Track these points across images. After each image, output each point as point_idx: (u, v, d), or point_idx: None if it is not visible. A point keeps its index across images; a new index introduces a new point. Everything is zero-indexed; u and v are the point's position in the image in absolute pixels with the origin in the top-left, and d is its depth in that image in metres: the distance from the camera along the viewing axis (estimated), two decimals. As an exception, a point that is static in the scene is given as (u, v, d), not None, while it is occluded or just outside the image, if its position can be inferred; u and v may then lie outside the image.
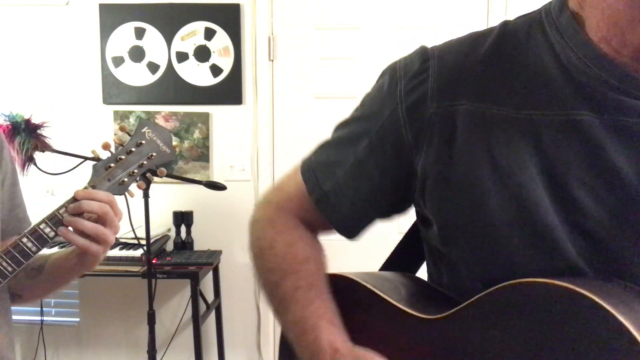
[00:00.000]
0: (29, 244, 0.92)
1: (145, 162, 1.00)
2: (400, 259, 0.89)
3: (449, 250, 0.69)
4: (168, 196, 2.61)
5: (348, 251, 2.55)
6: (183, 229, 2.57)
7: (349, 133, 0.74)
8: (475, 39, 0.67)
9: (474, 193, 0.62)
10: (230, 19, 2.57)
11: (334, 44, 2.59)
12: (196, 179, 2.37)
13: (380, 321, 0.72)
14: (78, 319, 2.75)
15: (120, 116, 2.62)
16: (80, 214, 0.93)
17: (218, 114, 2.63)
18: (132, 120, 2.63)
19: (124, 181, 0.99)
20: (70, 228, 0.94)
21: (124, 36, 2.59)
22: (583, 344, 0.51)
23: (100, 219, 0.93)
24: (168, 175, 1.32)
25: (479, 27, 0.71)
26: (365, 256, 1.74)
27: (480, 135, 0.62)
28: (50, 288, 1.08)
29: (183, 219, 2.56)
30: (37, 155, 1.97)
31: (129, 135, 1.00)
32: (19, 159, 1.92)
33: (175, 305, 2.70)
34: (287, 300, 0.74)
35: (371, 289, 0.73)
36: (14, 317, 1.07)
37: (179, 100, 2.61)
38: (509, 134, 0.61)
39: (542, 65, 0.61)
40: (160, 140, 1.01)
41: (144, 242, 2.14)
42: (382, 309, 0.71)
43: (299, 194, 0.77)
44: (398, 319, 0.69)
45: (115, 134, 2.61)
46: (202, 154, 2.64)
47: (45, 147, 1.99)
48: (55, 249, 0.97)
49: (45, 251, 0.96)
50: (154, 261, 2.21)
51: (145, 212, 2.09)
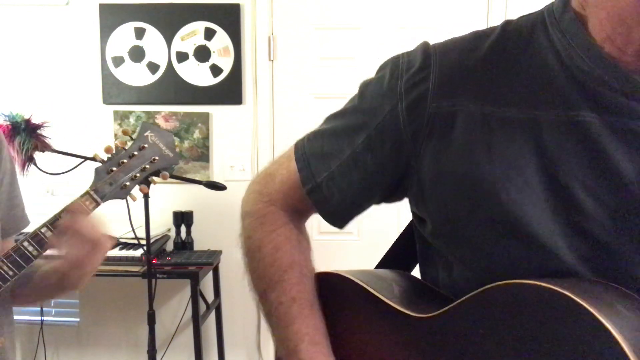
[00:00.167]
0: (30, 248, 0.92)
1: (147, 166, 1.00)
2: (396, 258, 0.89)
3: (445, 249, 0.69)
4: (168, 196, 2.61)
5: (348, 251, 2.55)
6: (183, 229, 2.57)
7: (345, 124, 0.73)
8: (478, 37, 0.67)
9: (472, 192, 0.62)
10: (230, 19, 2.56)
11: (334, 44, 2.59)
12: (196, 179, 2.37)
13: (372, 319, 0.72)
14: (78, 319, 2.75)
15: (120, 116, 2.62)
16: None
17: (218, 114, 2.63)
18: (132, 120, 2.62)
19: (126, 185, 0.98)
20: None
21: (124, 36, 2.59)
22: (566, 345, 0.51)
23: (89, 243, 0.91)
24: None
25: (479, 27, 0.70)
26: (364, 255, 1.73)
27: (481, 134, 0.62)
28: (33, 300, 1.06)
29: (183, 219, 2.56)
30: (37, 155, 1.97)
31: (132, 138, 1.00)
32: (19, 159, 1.92)
33: (175, 305, 2.70)
34: (272, 315, 0.75)
35: (364, 286, 0.73)
36: (15, 317, 1.06)
37: (179, 100, 2.61)
38: (510, 133, 0.61)
39: (545, 65, 0.61)
40: (163, 144, 1.01)
41: (144, 242, 2.14)
42: (374, 306, 0.71)
43: (291, 182, 0.77)
44: (390, 317, 0.69)
45: (116, 137, 2.61)
46: (202, 154, 2.64)
47: (45, 147, 1.99)
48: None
49: (39, 261, 0.95)
50: (154, 261, 2.21)
51: (145, 212, 2.09)
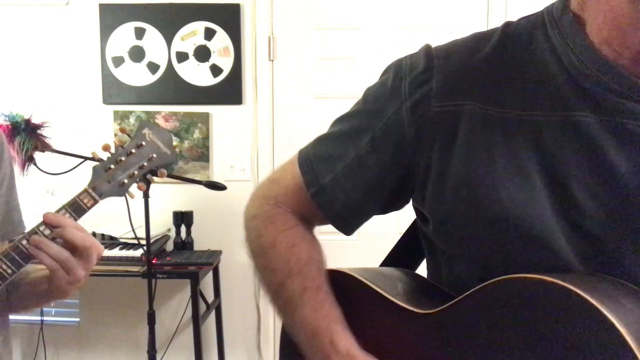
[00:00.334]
0: (28, 246, 0.92)
1: (145, 164, 0.99)
2: (400, 257, 0.90)
3: (447, 247, 0.70)
4: (168, 196, 2.61)
5: (348, 251, 2.55)
6: (183, 229, 2.57)
7: (350, 127, 0.74)
8: (479, 39, 0.68)
9: (474, 191, 0.63)
10: (230, 19, 2.57)
11: (334, 44, 2.59)
12: (196, 179, 2.37)
13: (375, 316, 0.73)
14: (78, 319, 2.75)
15: (120, 116, 2.62)
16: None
17: (218, 114, 2.63)
18: (132, 120, 2.62)
19: (124, 183, 0.98)
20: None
21: (124, 36, 2.59)
22: (570, 338, 0.52)
23: (77, 250, 0.90)
24: (168, 175, 1.32)
25: (479, 27, 0.72)
26: (365, 256, 1.73)
27: (482, 135, 0.63)
28: (20, 307, 1.04)
29: (183, 219, 2.56)
30: (37, 155, 1.97)
31: (129, 136, 1.00)
32: (19, 159, 1.92)
33: (175, 305, 2.70)
34: (295, 301, 0.74)
35: (367, 283, 0.73)
36: (15, 317, 1.06)
37: (179, 100, 2.61)
38: (511, 134, 0.62)
39: (544, 67, 0.62)
40: (161, 142, 1.00)
41: (144, 242, 2.14)
42: (378, 303, 0.71)
43: (296, 187, 0.77)
44: (393, 313, 0.69)
45: (115, 135, 2.61)
46: (202, 154, 2.64)
47: (45, 147, 1.99)
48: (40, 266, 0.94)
49: (30, 266, 0.93)
50: (154, 261, 2.21)
51: (145, 212, 2.09)
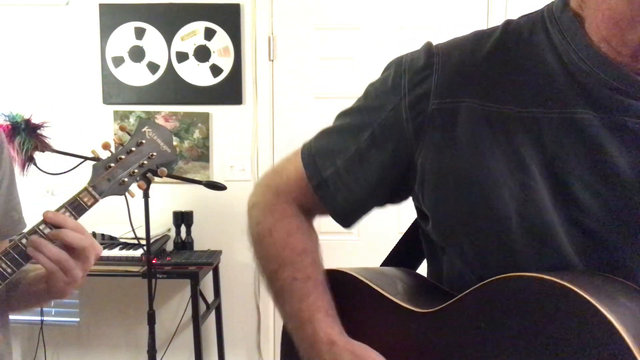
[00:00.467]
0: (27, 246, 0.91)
1: (145, 162, 0.99)
2: (400, 257, 0.90)
3: (447, 245, 0.70)
4: (168, 196, 2.61)
5: (348, 251, 2.55)
6: (183, 229, 2.57)
7: (351, 122, 0.75)
8: (479, 37, 0.68)
9: (474, 189, 0.63)
10: (230, 19, 2.57)
11: (334, 44, 2.59)
12: (196, 179, 2.37)
13: (375, 314, 0.73)
14: (78, 319, 2.75)
15: (120, 116, 2.62)
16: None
17: (218, 114, 2.63)
18: (132, 120, 2.63)
19: (124, 181, 0.98)
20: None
21: (124, 36, 2.59)
22: (568, 336, 0.52)
23: (75, 251, 0.89)
24: (168, 175, 1.32)
25: (479, 27, 0.72)
26: (365, 256, 1.73)
27: (482, 132, 0.63)
28: (19, 307, 1.04)
29: (183, 219, 2.56)
30: (37, 155, 1.97)
31: (129, 135, 1.00)
32: (19, 159, 1.92)
33: (175, 305, 2.70)
34: (285, 291, 0.76)
35: (367, 283, 0.74)
36: (15, 317, 1.06)
37: (179, 100, 2.61)
38: (511, 131, 0.62)
39: (545, 65, 0.62)
40: (161, 140, 1.00)
41: (144, 242, 2.14)
42: (378, 302, 0.72)
43: (298, 178, 0.78)
44: (393, 312, 0.70)
45: (115, 134, 2.61)
46: (202, 154, 2.64)
47: (45, 147, 1.99)
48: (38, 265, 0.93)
49: (29, 265, 0.93)
50: (154, 261, 2.21)
51: (145, 212, 2.09)
